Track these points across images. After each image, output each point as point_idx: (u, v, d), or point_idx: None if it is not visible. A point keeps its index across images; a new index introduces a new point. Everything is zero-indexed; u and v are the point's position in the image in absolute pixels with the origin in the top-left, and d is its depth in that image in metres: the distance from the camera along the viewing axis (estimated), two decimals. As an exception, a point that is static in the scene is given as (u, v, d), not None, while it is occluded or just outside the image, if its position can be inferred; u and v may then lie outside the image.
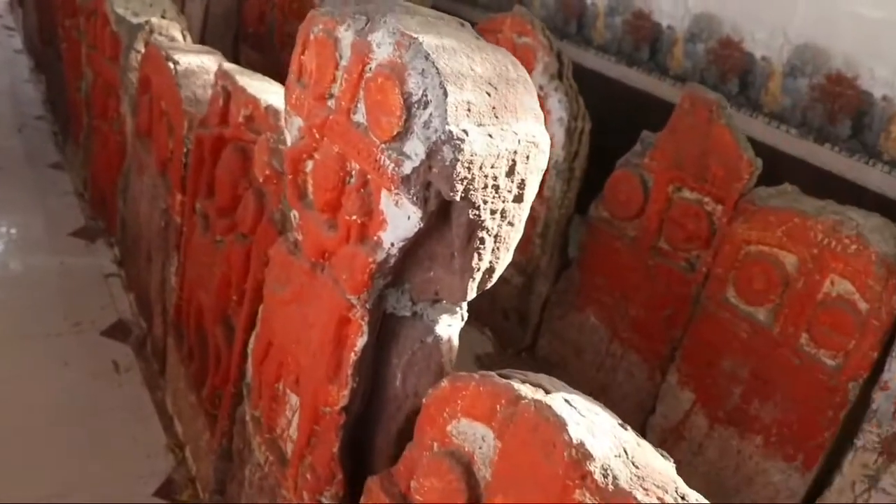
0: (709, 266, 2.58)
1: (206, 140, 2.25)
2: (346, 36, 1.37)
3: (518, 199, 1.27)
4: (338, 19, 1.40)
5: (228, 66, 2.22)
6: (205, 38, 5.58)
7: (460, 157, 1.16)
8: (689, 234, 2.63)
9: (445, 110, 1.17)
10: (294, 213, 1.61)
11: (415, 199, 1.24)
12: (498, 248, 1.31)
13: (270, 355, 1.73)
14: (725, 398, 2.51)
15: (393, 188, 1.27)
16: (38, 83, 5.22)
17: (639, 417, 2.83)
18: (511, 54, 1.34)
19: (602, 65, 4.64)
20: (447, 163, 1.16)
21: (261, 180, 1.88)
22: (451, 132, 1.16)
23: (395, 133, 1.24)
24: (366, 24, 1.34)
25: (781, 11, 3.68)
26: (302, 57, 1.53)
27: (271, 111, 1.90)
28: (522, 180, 1.26)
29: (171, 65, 2.53)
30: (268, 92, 2.06)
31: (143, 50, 3.10)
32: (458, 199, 1.19)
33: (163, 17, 3.27)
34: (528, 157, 1.24)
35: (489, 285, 1.37)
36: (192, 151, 2.33)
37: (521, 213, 1.30)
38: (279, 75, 5.14)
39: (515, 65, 1.31)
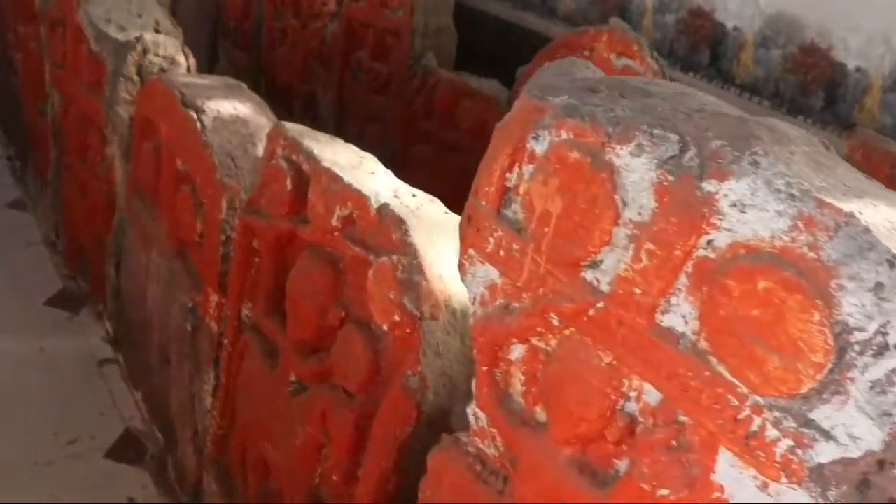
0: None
1: (261, 233, 1.63)
2: (633, 165, 0.79)
3: None
4: (611, 130, 0.81)
5: (292, 127, 1.59)
6: (176, 33, 4.82)
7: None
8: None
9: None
10: (480, 415, 1.03)
11: (841, 509, 0.67)
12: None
13: None
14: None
15: (784, 478, 0.69)
16: (-20, 92, 4.40)
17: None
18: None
19: (648, 68, 4.09)
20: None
21: (384, 327, 1.28)
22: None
23: (801, 389, 0.67)
24: (684, 151, 0.75)
25: (884, 13, 3.17)
26: (508, 175, 0.94)
27: (392, 220, 1.29)
28: None
29: (192, 114, 1.87)
30: (365, 174, 1.44)
31: (134, 77, 2.42)
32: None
33: (156, 30, 2.58)
34: None
35: None
36: (237, 242, 1.71)
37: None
38: (268, 75, 4.41)
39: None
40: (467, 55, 3.53)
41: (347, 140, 3.79)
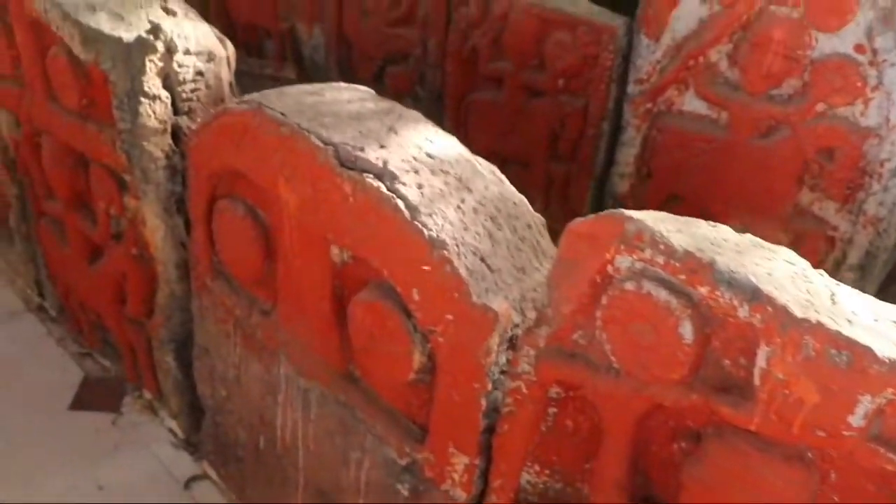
0: None
1: (600, 395, 1.00)
2: None
3: None
4: None
5: (651, 221, 0.93)
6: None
7: None
8: None
9: None
10: None
11: None
12: None
13: None
14: None
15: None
16: None
17: None
18: None
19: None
20: None
21: None
22: None
23: None
24: None
25: None
26: None
27: None
28: None
29: (376, 185, 1.12)
30: (827, 304, 0.84)
31: (162, 94, 1.61)
32: None
33: (164, 9, 1.73)
34: None
35: None
36: (529, 395, 1.07)
37: None
38: (220, 10, 3.42)
39: None
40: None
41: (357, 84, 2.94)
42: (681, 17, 2.11)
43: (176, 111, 1.66)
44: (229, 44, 1.73)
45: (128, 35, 1.60)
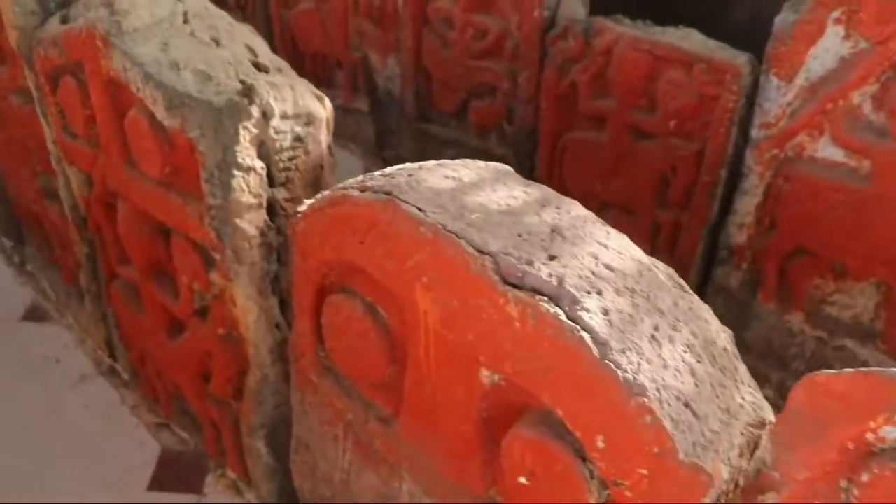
0: None
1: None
2: None
3: None
4: None
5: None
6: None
7: None
8: None
9: None
10: None
11: None
12: None
13: None
14: None
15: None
16: None
17: None
18: None
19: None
20: None
21: None
22: None
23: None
24: None
25: None
26: None
27: None
28: None
29: (555, 314, 0.91)
30: None
31: (257, 165, 1.43)
32: None
33: (255, 65, 1.55)
34: None
35: None
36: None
37: None
38: (285, 40, 3.22)
39: None
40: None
41: (440, 122, 2.76)
42: (819, 55, 1.87)
43: (272, 182, 1.48)
44: (328, 102, 1.54)
45: (217, 98, 1.41)
